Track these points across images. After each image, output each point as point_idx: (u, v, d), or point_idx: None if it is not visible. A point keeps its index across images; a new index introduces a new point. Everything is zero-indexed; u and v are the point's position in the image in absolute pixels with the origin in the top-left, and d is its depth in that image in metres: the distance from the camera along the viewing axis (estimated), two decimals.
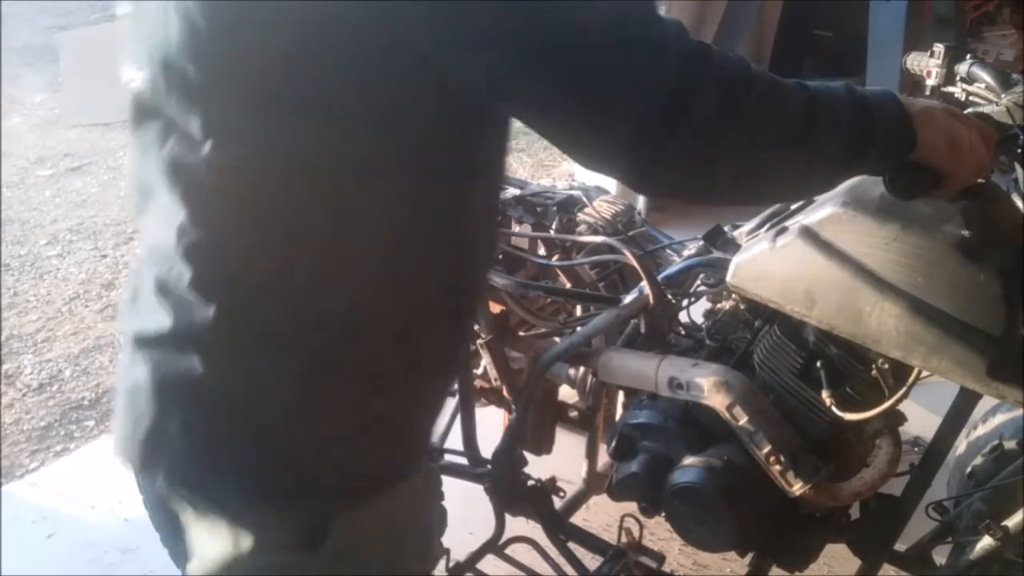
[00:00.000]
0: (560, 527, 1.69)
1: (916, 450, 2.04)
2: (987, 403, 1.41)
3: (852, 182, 1.24)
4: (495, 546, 1.75)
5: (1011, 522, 1.26)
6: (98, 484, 2.33)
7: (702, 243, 1.53)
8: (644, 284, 1.51)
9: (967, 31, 3.84)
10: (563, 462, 1.80)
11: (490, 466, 1.68)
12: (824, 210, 1.20)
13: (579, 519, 1.89)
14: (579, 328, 1.59)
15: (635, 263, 1.52)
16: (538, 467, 1.71)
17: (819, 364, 1.27)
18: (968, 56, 1.36)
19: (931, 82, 1.38)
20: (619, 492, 1.50)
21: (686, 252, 1.62)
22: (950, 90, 1.37)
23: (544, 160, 4.80)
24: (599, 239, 1.67)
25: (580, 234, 1.78)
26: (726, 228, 1.51)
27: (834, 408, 1.25)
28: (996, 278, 1.09)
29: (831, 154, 0.91)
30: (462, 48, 0.76)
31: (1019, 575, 1.29)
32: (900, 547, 1.46)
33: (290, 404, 0.87)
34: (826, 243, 1.18)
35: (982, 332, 1.10)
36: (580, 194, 1.88)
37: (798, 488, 1.27)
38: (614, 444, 1.46)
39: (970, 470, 1.63)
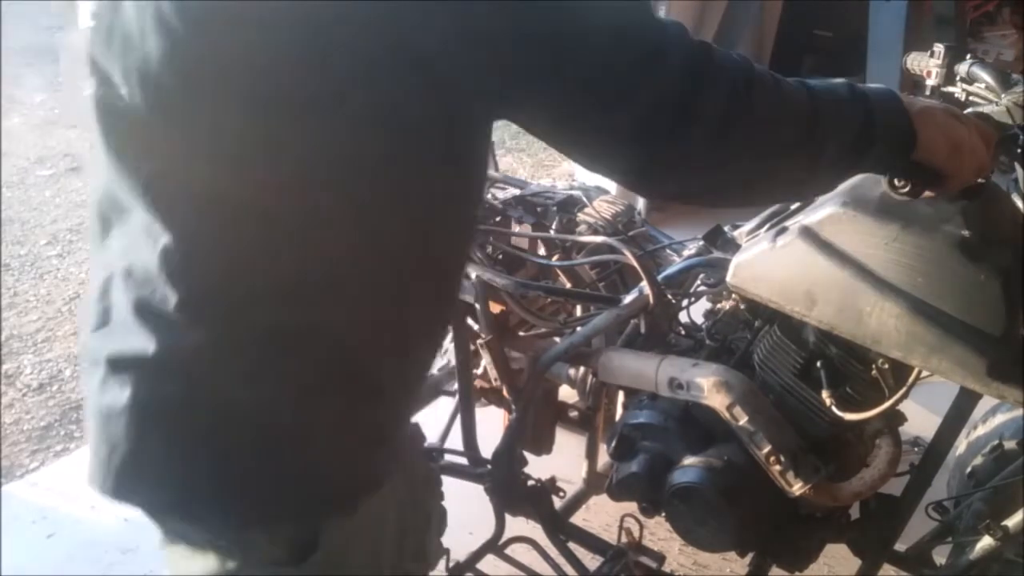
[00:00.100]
0: (560, 527, 1.69)
1: (916, 450, 2.04)
2: (987, 403, 1.41)
3: (852, 182, 1.24)
4: (495, 546, 1.75)
5: (1011, 522, 1.26)
6: None
7: (702, 243, 1.53)
8: (644, 284, 1.51)
9: (967, 31, 3.84)
10: (563, 462, 1.80)
11: (490, 466, 1.68)
12: (824, 210, 1.20)
13: (579, 519, 1.89)
14: (579, 328, 1.58)
15: (635, 263, 1.52)
16: (538, 467, 1.71)
17: (819, 364, 1.27)
18: (968, 56, 1.36)
19: (931, 82, 1.38)
20: (619, 492, 1.50)
21: (686, 252, 1.62)
22: (950, 90, 1.37)
23: (544, 160, 4.80)
24: (599, 239, 1.67)
25: (580, 234, 1.78)
26: (726, 228, 1.51)
27: (834, 408, 1.25)
28: (996, 278, 1.09)
29: (833, 153, 0.90)
30: (463, 51, 0.75)
31: (1019, 575, 1.29)
32: (900, 547, 1.46)
33: (282, 422, 0.86)
34: (826, 243, 1.18)
35: (982, 332, 1.09)
36: (580, 194, 1.87)
37: (798, 488, 1.27)
38: (614, 444, 1.46)
39: (970, 470, 1.63)
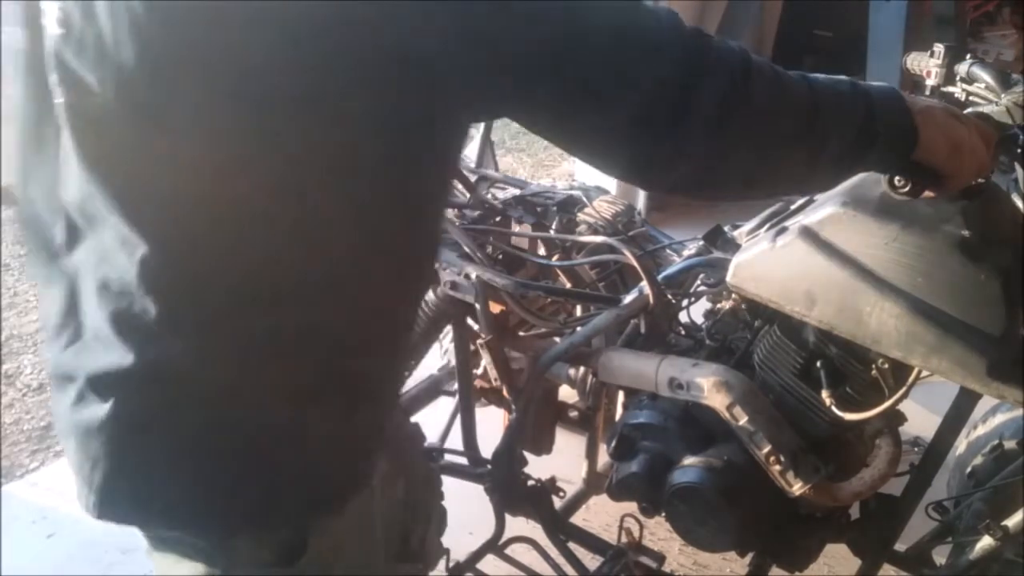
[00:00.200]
0: (560, 527, 1.69)
1: (916, 450, 2.04)
2: (987, 403, 1.41)
3: (852, 182, 1.24)
4: (495, 546, 1.75)
5: (1011, 522, 1.26)
6: None
7: (702, 243, 1.53)
8: (644, 284, 1.51)
9: (967, 31, 3.84)
10: (563, 462, 1.80)
11: (490, 466, 1.68)
12: (824, 210, 1.20)
13: (579, 519, 1.89)
14: (579, 328, 1.58)
15: (635, 263, 1.52)
16: (538, 467, 1.71)
17: (819, 364, 1.27)
18: (968, 56, 1.36)
19: (931, 82, 1.38)
20: (619, 492, 1.50)
21: (686, 252, 1.62)
22: (950, 90, 1.37)
23: (544, 160, 4.80)
24: (599, 239, 1.67)
25: (580, 234, 1.78)
26: (726, 228, 1.51)
27: (834, 408, 1.25)
28: (996, 278, 1.09)
29: (834, 147, 0.90)
30: (463, 51, 0.74)
31: (1019, 575, 1.29)
32: (900, 547, 1.46)
33: (272, 427, 0.85)
34: (826, 243, 1.18)
35: (982, 332, 1.09)
36: (580, 194, 1.87)
37: (798, 488, 1.27)
38: (614, 444, 1.46)
39: (970, 470, 1.63)
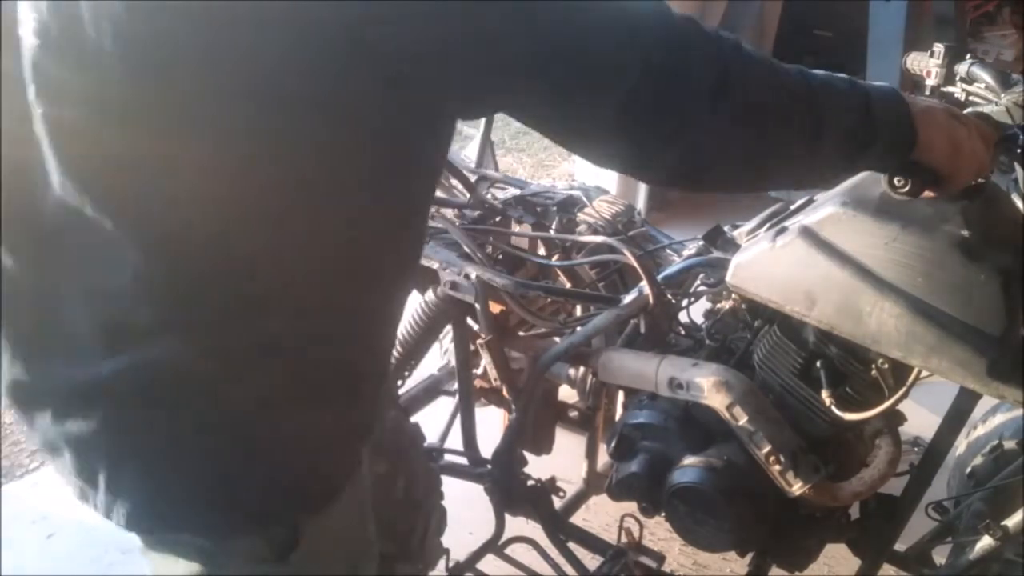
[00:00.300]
0: (560, 527, 1.69)
1: (916, 450, 2.05)
2: (987, 403, 1.42)
3: (852, 182, 1.24)
4: (495, 546, 1.75)
5: (1011, 522, 1.26)
6: None
7: (702, 243, 1.53)
8: (644, 284, 1.51)
9: (967, 31, 3.84)
10: (563, 462, 1.81)
11: (490, 466, 1.68)
12: (824, 210, 1.20)
13: (579, 519, 1.89)
14: (579, 328, 1.58)
15: (635, 263, 1.52)
16: (538, 467, 1.71)
17: (819, 364, 1.27)
18: (968, 56, 1.36)
19: (931, 82, 1.38)
20: (619, 492, 1.50)
21: (686, 252, 1.62)
22: (950, 90, 1.37)
23: (544, 160, 4.80)
24: (599, 239, 1.67)
25: (580, 234, 1.78)
26: (726, 228, 1.51)
27: (834, 408, 1.25)
28: (996, 278, 1.09)
29: (831, 140, 0.90)
30: (459, 52, 0.73)
31: (1019, 575, 1.30)
32: (900, 547, 1.47)
33: (265, 427, 0.86)
34: (826, 243, 1.18)
35: (982, 332, 1.09)
36: (580, 194, 1.88)
37: (798, 488, 1.27)
38: (614, 444, 1.46)
39: (970, 470, 1.63)
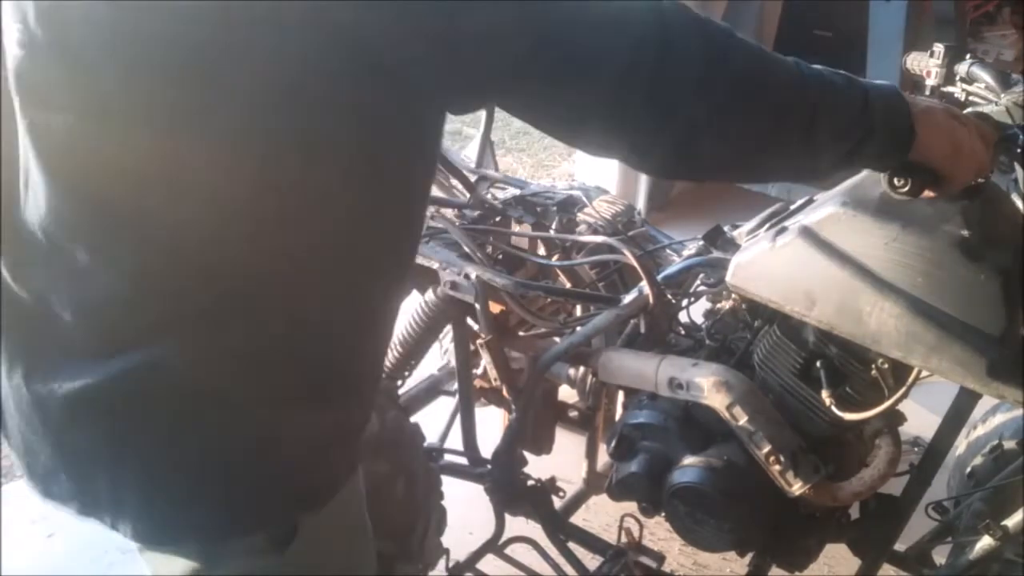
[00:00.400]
0: (560, 527, 1.69)
1: (916, 450, 2.04)
2: (987, 403, 1.42)
3: (852, 182, 1.24)
4: (495, 546, 1.75)
5: (1011, 522, 1.26)
6: None
7: (702, 243, 1.53)
8: (644, 284, 1.51)
9: (967, 31, 3.84)
10: (563, 462, 1.80)
11: (490, 466, 1.68)
12: (824, 210, 1.20)
13: (579, 519, 1.89)
14: (579, 328, 1.58)
15: (635, 263, 1.52)
16: (538, 467, 1.71)
17: (819, 364, 1.27)
18: (968, 56, 1.36)
19: (931, 82, 1.39)
20: (619, 492, 1.50)
21: (686, 252, 1.62)
22: (950, 90, 1.37)
23: (544, 160, 4.80)
24: (599, 239, 1.67)
25: (580, 234, 1.78)
26: (726, 228, 1.51)
27: (834, 408, 1.25)
28: (996, 278, 1.09)
29: (826, 129, 0.89)
30: (448, 50, 0.74)
31: (1019, 575, 1.30)
32: (900, 547, 1.47)
33: (261, 428, 0.86)
34: (826, 243, 1.18)
35: (982, 332, 1.09)
36: (580, 194, 1.87)
37: (798, 488, 1.27)
38: (614, 444, 1.46)
39: (970, 470, 1.63)
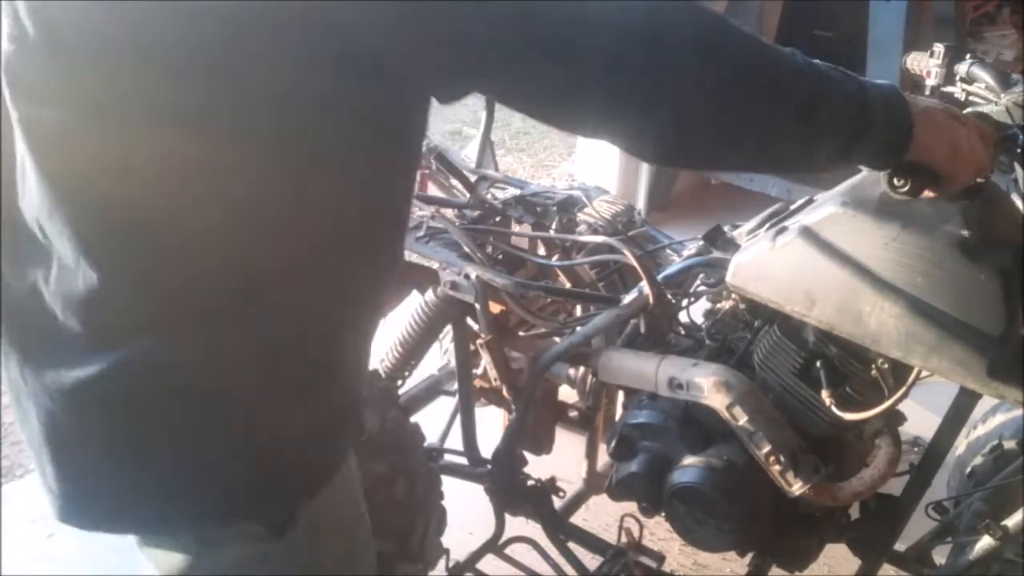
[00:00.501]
0: (560, 527, 1.69)
1: (916, 450, 2.04)
2: (987, 403, 1.42)
3: (852, 182, 1.24)
4: (495, 546, 1.75)
5: (1011, 522, 1.26)
6: None
7: (702, 243, 1.53)
8: (644, 284, 1.51)
9: (967, 31, 3.83)
10: (563, 462, 1.80)
11: (490, 466, 1.68)
12: (824, 210, 1.20)
13: (579, 519, 1.89)
14: (579, 328, 1.58)
15: (635, 263, 1.52)
16: (538, 467, 1.71)
17: (819, 364, 1.27)
18: (968, 56, 1.36)
19: (931, 82, 1.38)
20: (619, 492, 1.50)
21: (686, 252, 1.62)
22: (950, 90, 1.37)
23: (544, 160, 4.80)
24: (599, 239, 1.67)
25: (580, 234, 1.78)
26: (726, 228, 1.51)
27: (834, 408, 1.25)
28: (996, 278, 1.09)
29: (822, 122, 0.89)
30: (435, 48, 0.75)
31: (1019, 575, 1.30)
32: (900, 547, 1.47)
33: (253, 419, 0.86)
34: (826, 243, 1.18)
35: (982, 332, 1.09)
36: (580, 194, 1.87)
37: (798, 488, 1.27)
38: (614, 444, 1.46)
39: (970, 470, 1.63)
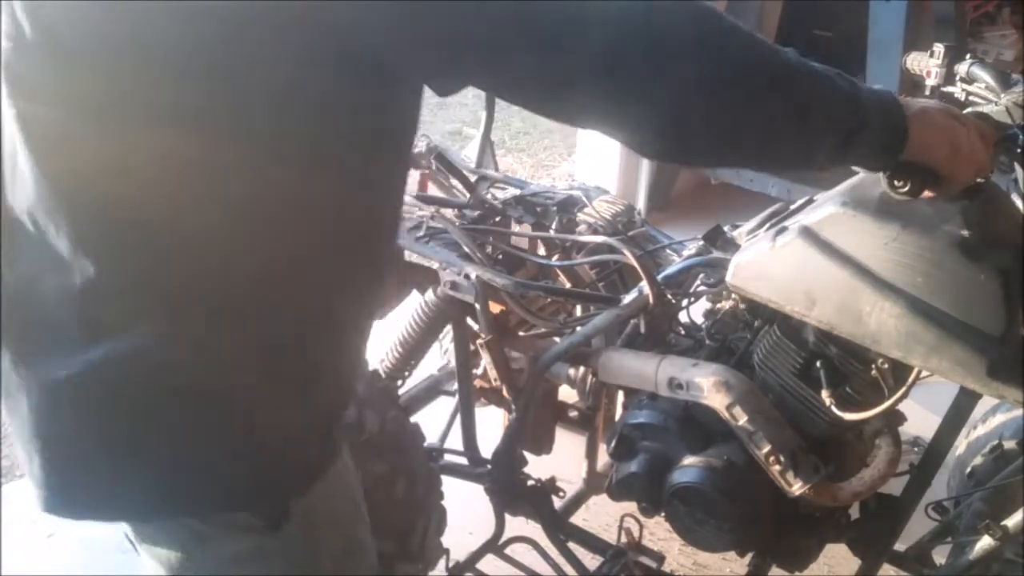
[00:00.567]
0: (560, 527, 1.69)
1: (916, 450, 2.04)
2: (987, 403, 1.42)
3: (852, 182, 1.24)
4: (495, 546, 1.75)
5: (1011, 522, 1.26)
6: None
7: (702, 243, 1.53)
8: (644, 284, 1.51)
9: (967, 31, 3.83)
10: (563, 462, 1.80)
11: (490, 466, 1.68)
12: (824, 210, 1.20)
13: (579, 519, 1.89)
14: (579, 328, 1.58)
15: (635, 263, 1.52)
16: (538, 467, 1.71)
17: (819, 364, 1.27)
18: (968, 56, 1.36)
19: (931, 82, 1.38)
20: (619, 492, 1.50)
21: (686, 252, 1.62)
22: (950, 90, 1.37)
23: (544, 160, 4.80)
24: (599, 239, 1.67)
25: (580, 234, 1.78)
26: (726, 228, 1.51)
27: (834, 408, 1.25)
28: (996, 278, 1.09)
29: (817, 120, 0.89)
30: (433, 51, 0.76)
31: (1019, 575, 1.30)
32: (900, 547, 1.47)
33: (244, 412, 0.86)
34: (826, 243, 1.18)
35: (982, 332, 1.09)
36: (580, 194, 1.87)
37: (798, 488, 1.27)
38: (614, 444, 1.46)
39: (970, 470, 1.63)
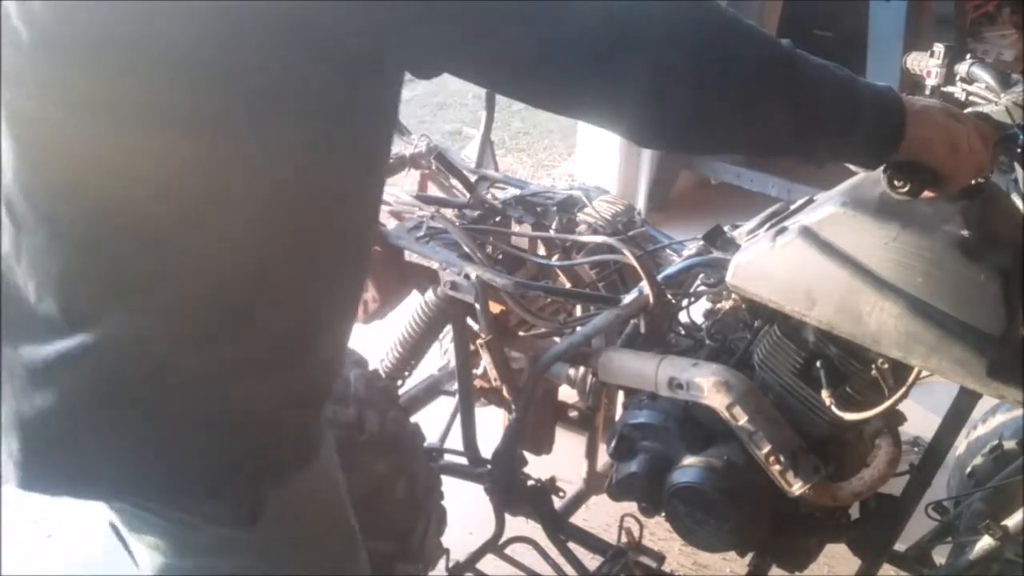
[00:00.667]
0: (560, 527, 1.69)
1: (916, 450, 2.04)
2: (987, 403, 1.42)
3: (852, 182, 1.24)
4: (495, 546, 1.75)
5: (1011, 522, 1.26)
6: None
7: (702, 243, 1.53)
8: (644, 284, 1.51)
9: (967, 31, 3.83)
10: (563, 462, 1.80)
11: (490, 466, 1.68)
12: (824, 210, 1.20)
13: (579, 519, 1.89)
14: (579, 328, 1.58)
15: (635, 263, 1.52)
16: (538, 467, 1.71)
17: (819, 364, 1.27)
18: (968, 56, 1.36)
19: (931, 82, 1.38)
20: (619, 492, 1.50)
21: (686, 252, 1.62)
22: (950, 90, 1.37)
23: (544, 160, 4.80)
24: (599, 239, 1.67)
25: (580, 234, 1.78)
26: (726, 228, 1.51)
27: (834, 408, 1.25)
28: (996, 278, 1.09)
29: (812, 110, 0.89)
30: (423, 50, 0.77)
31: (1019, 575, 1.30)
32: (900, 547, 1.47)
33: (220, 400, 0.87)
34: (826, 243, 1.18)
35: (982, 332, 1.10)
36: (580, 194, 1.87)
37: (798, 488, 1.27)
38: (614, 444, 1.46)
39: (970, 470, 1.63)
